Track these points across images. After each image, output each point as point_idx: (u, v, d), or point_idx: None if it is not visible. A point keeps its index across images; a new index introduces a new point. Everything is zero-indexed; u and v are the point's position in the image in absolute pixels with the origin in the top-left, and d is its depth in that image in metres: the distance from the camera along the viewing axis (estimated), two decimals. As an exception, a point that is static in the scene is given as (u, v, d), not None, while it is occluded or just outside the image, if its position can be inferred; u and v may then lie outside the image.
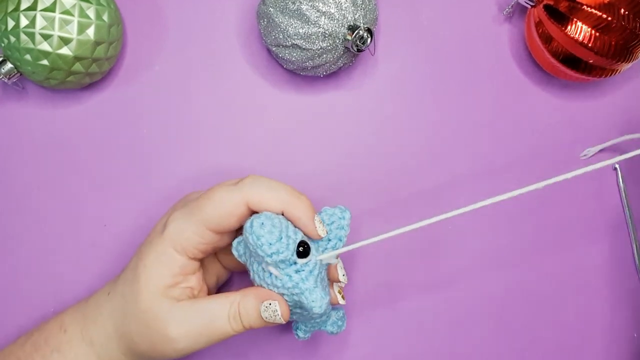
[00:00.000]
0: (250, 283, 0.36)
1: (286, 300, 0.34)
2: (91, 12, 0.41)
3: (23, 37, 0.40)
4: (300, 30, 0.41)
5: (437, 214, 0.48)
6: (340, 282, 0.39)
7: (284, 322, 0.34)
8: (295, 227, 0.34)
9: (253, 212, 0.34)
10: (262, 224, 0.32)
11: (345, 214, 0.36)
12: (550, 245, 0.49)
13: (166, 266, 0.34)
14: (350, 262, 0.47)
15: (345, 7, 0.41)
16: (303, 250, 0.33)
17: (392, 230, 0.35)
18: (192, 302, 0.34)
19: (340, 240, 0.36)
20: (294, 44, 0.42)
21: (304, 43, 0.42)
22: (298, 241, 0.33)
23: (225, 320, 0.34)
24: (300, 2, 0.41)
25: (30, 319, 0.45)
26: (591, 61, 0.44)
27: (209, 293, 0.39)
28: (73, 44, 0.41)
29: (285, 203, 0.34)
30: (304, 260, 0.33)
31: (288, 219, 0.34)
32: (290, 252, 0.32)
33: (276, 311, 0.33)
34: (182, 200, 0.39)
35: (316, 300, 0.33)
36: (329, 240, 0.35)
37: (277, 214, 0.33)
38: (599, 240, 0.49)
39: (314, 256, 0.34)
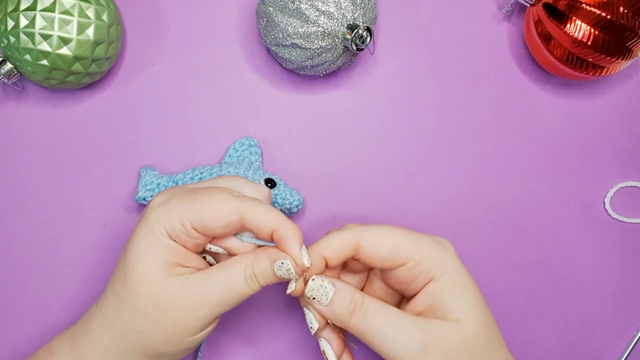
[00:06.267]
0: None
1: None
2: (90, 12, 0.41)
3: (23, 37, 0.40)
4: (300, 30, 0.41)
5: (437, 212, 0.48)
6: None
7: (298, 277, 0.36)
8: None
9: (239, 230, 0.37)
10: None
11: (252, 140, 0.46)
12: (550, 244, 0.49)
13: (159, 250, 0.35)
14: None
15: (345, 6, 0.41)
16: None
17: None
18: (204, 273, 0.35)
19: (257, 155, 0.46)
20: (293, 43, 0.42)
21: (303, 42, 0.42)
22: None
23: (243, 282, 0.35)
24: (300, 1, 0.41)
25: (30, 319, 0.45)
26: (590, 59, 0.44)
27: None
28: (72, 44, 0.41)
29: (277, 224, 0.35)
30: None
31: (277, 240, 0.36)
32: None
33: (290, 269, 0.35)
34: (175, 188, 0.38)
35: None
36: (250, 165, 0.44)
37: (268, 233, 0.36)
38: (598, 239, 0.49)
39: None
